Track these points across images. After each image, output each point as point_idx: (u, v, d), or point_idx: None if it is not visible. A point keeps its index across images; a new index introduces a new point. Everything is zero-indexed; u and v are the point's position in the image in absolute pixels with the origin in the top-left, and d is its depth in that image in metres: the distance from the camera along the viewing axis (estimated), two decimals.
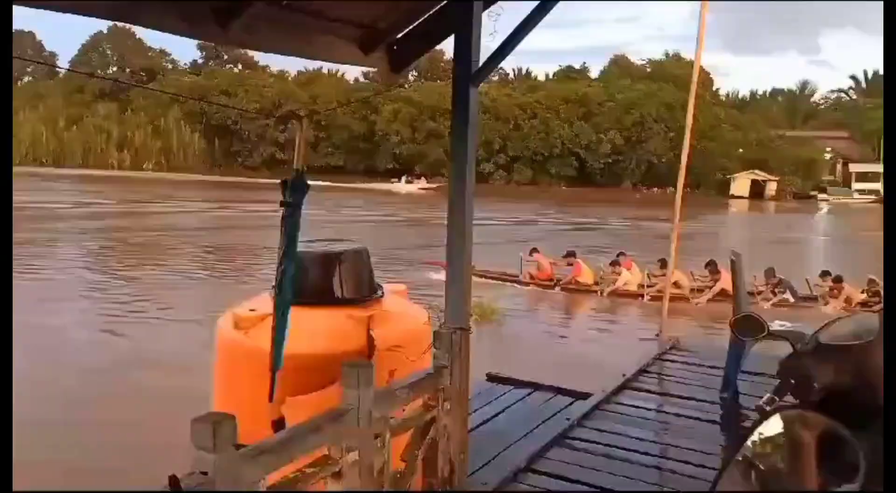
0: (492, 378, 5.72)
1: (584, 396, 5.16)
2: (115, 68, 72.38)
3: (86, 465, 5.63)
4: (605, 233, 27.22)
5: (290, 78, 70.83)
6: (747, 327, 3.88)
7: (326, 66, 68.72)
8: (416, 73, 60.93)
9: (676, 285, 13.24)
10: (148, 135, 66.79)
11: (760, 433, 1.70)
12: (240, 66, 75.16)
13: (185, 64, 76.35)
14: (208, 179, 54.32)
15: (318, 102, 60.26)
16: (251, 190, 42.94)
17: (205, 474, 2.07)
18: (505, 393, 5.37)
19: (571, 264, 15.27)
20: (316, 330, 3.41)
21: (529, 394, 5.37)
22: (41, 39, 77.12)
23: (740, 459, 1.70)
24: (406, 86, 56.18)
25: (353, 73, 72.64)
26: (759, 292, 13.10)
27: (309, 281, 3.51)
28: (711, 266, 13.77)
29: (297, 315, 3.08)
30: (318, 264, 3.81)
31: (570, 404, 5.12)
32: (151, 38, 75.47)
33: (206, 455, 2.06)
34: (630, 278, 14.51)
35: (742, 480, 1.70)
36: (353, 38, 3.69)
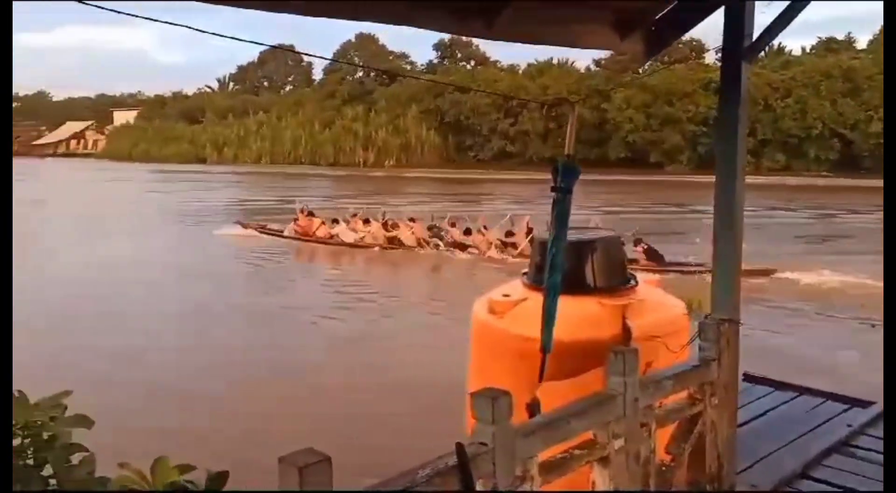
0: (749, 378, 5.33)
1: (865, 403, 4.60)
2: (361, 72, 78.97)
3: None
4: (807, 225, 24.90)
5: (520, 71, 71.76)
6: None
7: (556, 58, 68.61)
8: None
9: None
10: (389, 133, 71.76)
11: None
12: (472, 63, 77.87)
13: (422, 65, 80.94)
14: (440, 176, 56.33)
15: (549, 92, 60.28)
16: (478, 184, 43.45)
17: (483, 444, 2.19)
18: (767, 394, 4.99)
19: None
20: (569, 318, 3.43)
21: (796, 397, 4.93)
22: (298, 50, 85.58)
23: None
24: (640, 72, 53.96)
25: (583, 61, 71.58)
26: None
27: None
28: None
29: None
30: (570, 252, 3.83)
31: (846, 410, 4.61)
32: (392, 42, 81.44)
33: (486, 427, 2.18)
34: (344, 230, 19.52)
35: None
36: (610, 23, 3.64)
